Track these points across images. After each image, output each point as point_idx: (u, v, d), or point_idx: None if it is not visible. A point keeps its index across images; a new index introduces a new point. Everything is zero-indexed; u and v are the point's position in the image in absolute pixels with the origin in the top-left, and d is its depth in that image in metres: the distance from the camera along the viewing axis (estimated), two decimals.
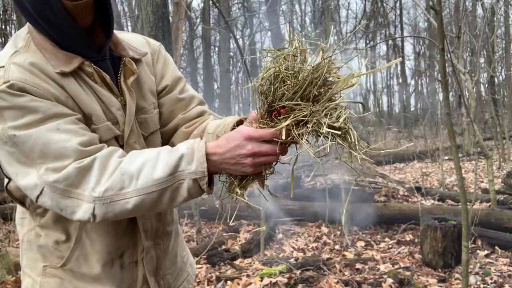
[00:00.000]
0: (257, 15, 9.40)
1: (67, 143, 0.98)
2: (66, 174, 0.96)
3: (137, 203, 0.98)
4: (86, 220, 0.99)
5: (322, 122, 0.94)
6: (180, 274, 1.37)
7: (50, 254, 1.16)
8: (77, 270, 1.16)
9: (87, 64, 1.07)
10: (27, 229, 1.20)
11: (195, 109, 1.33)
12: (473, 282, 3.69)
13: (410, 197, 6.59)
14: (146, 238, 1.22)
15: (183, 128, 1.30)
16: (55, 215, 1.12)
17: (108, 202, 0.98)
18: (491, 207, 5.15)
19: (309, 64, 0.99)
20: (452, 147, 2.65)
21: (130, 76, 1.16)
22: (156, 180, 0.98)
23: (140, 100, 1.21)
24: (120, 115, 1.14)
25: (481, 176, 7.61)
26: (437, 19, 2.58)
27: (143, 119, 1.22)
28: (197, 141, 1.03)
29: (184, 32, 12.20)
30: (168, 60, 1.34)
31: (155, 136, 1.27)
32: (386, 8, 14.13)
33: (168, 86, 1.30)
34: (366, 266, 4.16)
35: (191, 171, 0.99)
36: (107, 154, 1.01)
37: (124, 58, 1.16)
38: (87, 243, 1.15)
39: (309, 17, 14.62)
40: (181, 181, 0.99)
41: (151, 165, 0.99)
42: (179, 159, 0.99)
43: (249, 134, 0.98)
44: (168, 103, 1.30)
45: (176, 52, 5.37)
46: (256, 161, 0.99)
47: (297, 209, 5.78)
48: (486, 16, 8.01)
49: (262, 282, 3.80)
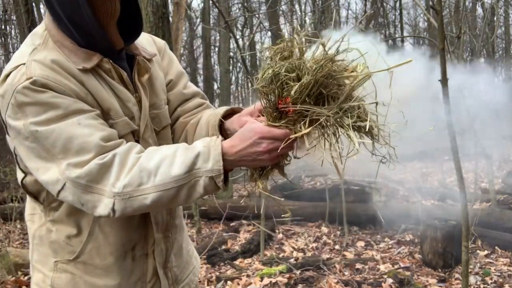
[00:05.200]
0: (257, 15, 9.41)
1: (89, 137, 1.00)
2: (88, 170, 0.99)
3: (155, 199, 1.01)
4: (106, 215, 1.02)
5: (345, 124, 0.94)
6: (186, 267, 1.40)
7: (61, 249, 1.18)
8: (90, 262, 1.18)
9: (106, 61, 1.10)
10: (38, 224, 1.21)
11: (194, 101, 1.37)
12: (473, 282, 3.69)
13: (410, 197, 6.59)
14: (157, 231, 1.24)
15: (181, 118, 1.35)
16: (69, 208, 1.14)
17: (127, 197, 1.00)
18: (491, 207, 5.15)
19: (310, 60, 0.97)
20: (452, 147, 2.65)
21: (144, 74, 1.20)
22: (174, 177, 1.00)
23: (153, 96, 1.25)
24: (136, 110, 1.17)
25: (481, 176, 7.60)
26: (437, 19, 2.58)
27: (155, 114, 1.25)
28: (213, 139, 1.05)
29: (184, 32, 12.20)
30: (172, 57, 1.38)
31: (167, 131, 1.31)
32: (386, 8, 14.12)
33: (172, 81, 1.34)
34: (366, 266, 4.16)
35: (208, 169, 1.01)
36: (126, 150, 1.03)
37: (138, 57, 1.19)
38: (100, 236, 1.17)
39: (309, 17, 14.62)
40: (197, 179, 1.02)
41: (168, 162, 1.01)
42: (196, 157, 1.02)
43: (263, 134, 1.01)
44: (173, 98, 1.34)
45: (176, 52, 5.37)
46: (273, 155, 1.02)
47: (297, 209, 5.78)
48: (486, 16, 8.01)
49: (262, 282, 3.80)
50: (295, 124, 0.99)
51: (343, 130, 0.95)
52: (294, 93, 0.95)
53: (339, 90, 0.96)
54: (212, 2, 7.92)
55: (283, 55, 1.00)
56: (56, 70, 1.03)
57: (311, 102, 0.96)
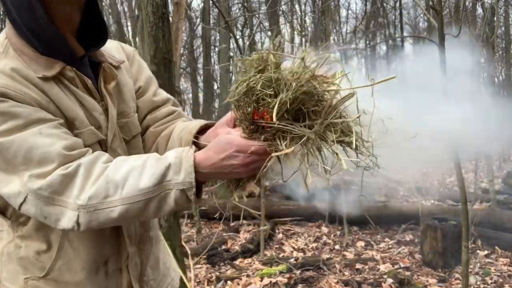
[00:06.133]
0: (257, 15, 9.41)
1: (51, 147, 0.95)
2: (50, 181, 0.94)
3: (122, 212, 0.96)
4: (70, 228, 0.97)
5: (329, 139, 0.90)
6: (163, 279, 1.35)
7: (31, 266, 1.14)
8: (61, 279, 1.13)
9: (68, 68, 1.06)
10: (6, 241, 1.16)
11: (165, 109, 1.32)
12: (473, 282, 3.69)
13: (410, 197, 6.60)
14: (130, 244, 1.20)
15: (152, 128, 1.29)
16: (37, 223, 1.09)
17: (92, 210, 0.95)
18: (491, 207, 5.15)
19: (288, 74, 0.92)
20: (451, 147, 2.65)
21: (110, 81, 1.16)
22: (142, 190, 0.95)
23: (121, 104, 1.20)
24: (102, 119, 1.12)
25: (481, 176, 7.61)
26: (437, 19, 2.58)
27: (124, 123, 1.21)
28: (185, 149, 1.00)
29: (184, 32, 12.20)
30: (142, 64, 1.33)
31: (137, 140, 1.26)
32: (386, 8, 14.12)
33: (142, 88, 1.29)
34: (366, 266, 4.16)
35: (179, 181, 0.96)
36: (92, 160, 0.98)
37: (103, 64, 1.15)
38: (70, 251, 1.12)
39: (309, 17, 14.63)
40: (168, 191, 0.97)
41: (137, 174, 0.96)
42: (167, 168, 0.96)
43: (240, 147, 0.96)
44: (143, 105, 1.29)
45: (176, 52, 5.37)
46: (250, 168, 0.98)
47: (297, 209, 5.78)
48: (486, 16, 8.01)
49: (262, 282, 3.80)
50: (274, 138, 0.94)
51: (327, 145, 0.92)
52: (272, 108, 0.90)
53: (320, 105, 0.92)
54: (212, 2, 7.92)
55: (258, 67, 0.94)
56: (15, 79, 0.98)
57: (289, 118, 0.92)
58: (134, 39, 13.06)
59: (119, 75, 1.19)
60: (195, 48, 16.07)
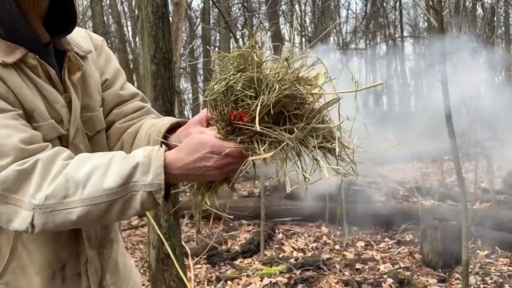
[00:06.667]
0: (257, 15, 9.41)
1: (7, 139, 0.87)
2: (4, 177, 0.86)
3: (82, 214, 0.88)
4: (24, 230, 0.89)
5: (310, 145, 0.86)
6: (125, 282, 1.28)
7: None
8: (14, 283, 1.04)
9: (31, 56, 0.97)
10: None
11: (132, 104, 1.23)
12: (473, 282, 3.69)
13: (410, 197, 6.60)
14: (89, 247, 1.12)
15: (117, 123, 1.21)
16: None
17: (49, 211, 0.87)
18: (491, 207, 5.16)
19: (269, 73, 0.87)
20: (452, 147, 2.65)
21: (76, 72, 1.08)
22: (105, 190, 0.88)
23: (85, 97, 1.12)
24: (64, 112, 1.04)
25: (481, 176, 7.60)
26: (437, 19, 2.58)
27: (88, 117, 1.12)
28: (155, 149, 0.93)
29: (184, 32, 12.20)
30: (110, 55, 1.25)
31: (101, 136, 1.18)
32: (386, 8, 14.12)
33: (108, 80, 1.21)
34: (366, 266, 4.16)
35: (146, 183, 0.89)
36: (52, 156, 0.90)
37: (69, 53, 1.07)
38: (24, 254, 1.03)
39: (309, 17, 14.62)
40: (134, 193, 0.89)
41: (101, 173, 0.88)
42: (134, 168, 0.89)
43: (214, 148, 0.89)
44: (109, 98, 1.21)
45: (176, 52, 5.37)
46: (223, 171, 0.92)
47: (297, 209, 5.78)
48: (486, 16, 8.01)
49: (262, 282, 3.80)
50: (252, 141, 0.88)
51: (307, 151, 0.87)
52: (252, 111, 0.85)
53: (302, 108, 0.87)
54: (212, 2, 7.93)
55: (238, 65, 0.88)
56: None
57: (269, 121, 0.86)
58: (134, 39, 13.06)
59: (85, 65, 1.11)
60: (195, 48, 16.07)
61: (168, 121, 1.11)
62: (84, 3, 11.19)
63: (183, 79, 14.67)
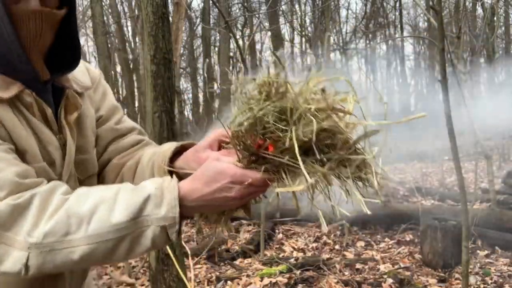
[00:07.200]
0: (257, 15, 9.42)
1: (1, 172, 0.80)
2: None
3: (86, 252, 0.79)
4: (16, 272, 0.79)
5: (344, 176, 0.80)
6: None
7: None
8: None
9: (28, 93, 0.91)
10: None
11: (129, 138, 1.15)
12: (473, 282, 3.69)
13: (410, 197, 6.60)
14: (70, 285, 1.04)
15: (115, 160, 1.13)
16: None
17: (47, 250, 0.78)
18: (491, 207, 5.16)
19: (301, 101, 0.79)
20: (452, 147, 2.65)
21: (73, 112, 1.01)
22: (114, 226, 0.79)
23: (80, 138, 1.05)
24: (58, 155, 0.97)
25: (481, 176, 7.61)
26: (437, 19, 2.58)
27: (80, 160, 1.05)
28: (167, 179, 0.86)
29: (184, 32, 12.21)
30: (106, 90, 1.18)
31: (92, 180, 1.10)
32: (386, 8, 14.13)
33: (103, 117, 1.14)
34: (366, 266, 4.16)
35: (159, 216, 0.81)
36: (49, 190, 0.83)
37: (67, 91, 1.00)
38: None
39: (309, 17, 14.63)
40: (144, 228, 0.81)
41: (107, 207, 0.80)
42: (145, 200, 0.81)
43: (236, 178, 0.82)
44: (104, 134, 1.13)
45: (176, 52, 5.37)
46: (244, 200, 0.86)
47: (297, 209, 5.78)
48: (486, 16, 8.01)
49: (262, 282, 3.80)
50: (278, 170, 0.82)
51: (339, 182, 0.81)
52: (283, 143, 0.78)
53: (334, 137, 0.80)
54: (212, 2, 7.93)
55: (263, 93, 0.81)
56: None
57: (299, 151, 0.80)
58: (134, 39, 13.06)
59: (83, 105, 1.04)
60: (195, 48, 16.07)
61: (171, 145, 1.03)
62: (84, 3, 11.19)
63: (183, 79, 14.69)
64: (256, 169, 0.83)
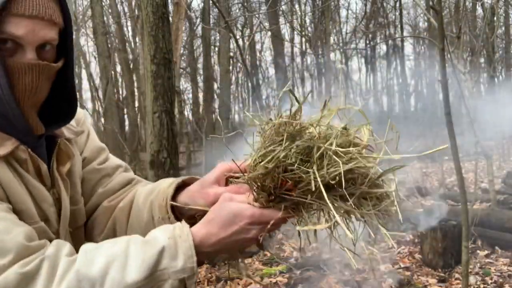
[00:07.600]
0: (257, 15, 9.42)
1: (6, 234, 0.74)
2: (4, 281, 0.71)
3: None
4: None
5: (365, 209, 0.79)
6: None
7: None
8: None
9: (22, 149, 0.87)
10: None
11: (117, 179, 1.09)
12: (473, 282, 3.69)
13: (410, 197, 6.59)
14: None
15: (105, 203, 1.07)
16: None
17: None
18: (491, 207, 5.16)
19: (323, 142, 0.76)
20: (452, 147, 2.65)
21: (65, 163, 0.96)
22: (131, 285, 0.73)
23: (71, 189, 1.00)
24: (52, 212, 0.92)
25: (481, 176, 7.61)
26: (437, 19, 2.58)
27: (72, 211, 0.99)
28: (177, 227, 0.81)
29: (184, 32, 12.21)
30: (91, 131, 1.12)
31: (80, 232, 1.05)
32: (386, 8, 14.13)
33: (87, 158, 1.08)
34: (366, 266, 4.16)
35: (177, 269, 0.76)
36: (55, 252, 0.76)
37: (59, 140, 0.95)
38: None
39: (309, 17, 14.64)
40: (161, 282, 0.76)
41: (119, 266, 0.74)
42: (159, 254, 0.76)
43: (255, 219, 0.79)
44: (88, 176, 1.07)
45: (176, 52, 5.37)
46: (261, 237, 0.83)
47: None
48: (486, 16, 8.01)
49: (262, 282, 3.80)
50: (298, 208, 0.80)
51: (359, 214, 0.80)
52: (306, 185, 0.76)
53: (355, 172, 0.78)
54: (212, 2, 7.93)
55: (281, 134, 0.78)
56: None
57: None
58: (134, 39, 13.07)
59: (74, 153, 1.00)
60: (195, 48, 16.07)
61: (172, 181, 0.97)
62: (84, 3, 11.20)
63: (183, 79, 14.69)
64: (274, 208, 0.80)
